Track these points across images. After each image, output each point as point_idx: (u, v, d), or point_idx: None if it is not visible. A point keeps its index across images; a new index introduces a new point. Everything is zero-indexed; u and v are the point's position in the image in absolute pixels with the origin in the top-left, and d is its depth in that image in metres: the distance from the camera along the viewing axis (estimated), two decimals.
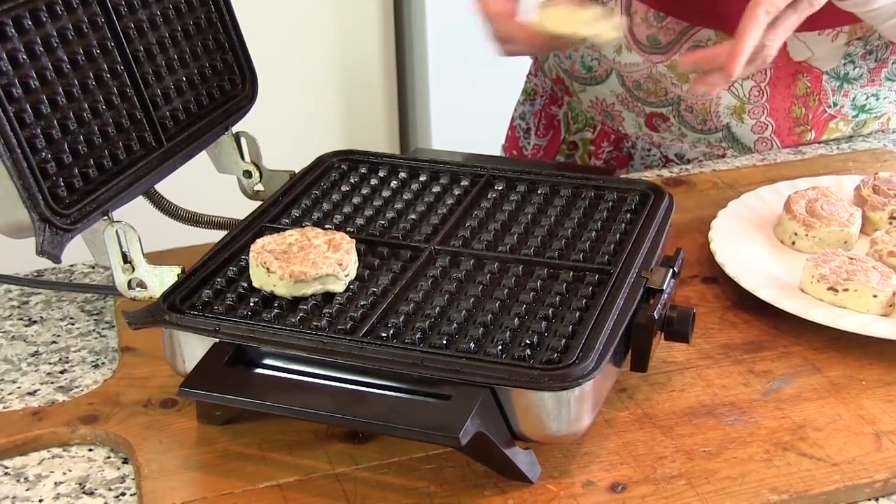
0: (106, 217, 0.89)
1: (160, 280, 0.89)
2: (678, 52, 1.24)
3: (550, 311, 0.83)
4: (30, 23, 0.86)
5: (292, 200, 1.00)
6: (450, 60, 2.55)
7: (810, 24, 1.19)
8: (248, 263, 0.87)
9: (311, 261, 0.85)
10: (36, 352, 0.96)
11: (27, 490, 0.81)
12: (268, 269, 0.84)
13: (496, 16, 1.12)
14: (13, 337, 0.98)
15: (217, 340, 0.80)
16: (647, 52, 1.26)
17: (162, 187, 1.00)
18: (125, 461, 0.84)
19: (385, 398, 0.76)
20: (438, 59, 2.55)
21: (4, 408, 0.89)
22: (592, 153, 1.37)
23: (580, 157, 1.39)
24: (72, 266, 1.08)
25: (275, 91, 1.81)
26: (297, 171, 1.05)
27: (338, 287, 0.86)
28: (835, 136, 1.32)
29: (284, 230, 0.91)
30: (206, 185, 1.22)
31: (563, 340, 0.79)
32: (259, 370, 0.80)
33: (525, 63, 1.47)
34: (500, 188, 1.02)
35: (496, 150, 1.54)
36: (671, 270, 0.87)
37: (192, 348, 0.82)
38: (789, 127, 1.29)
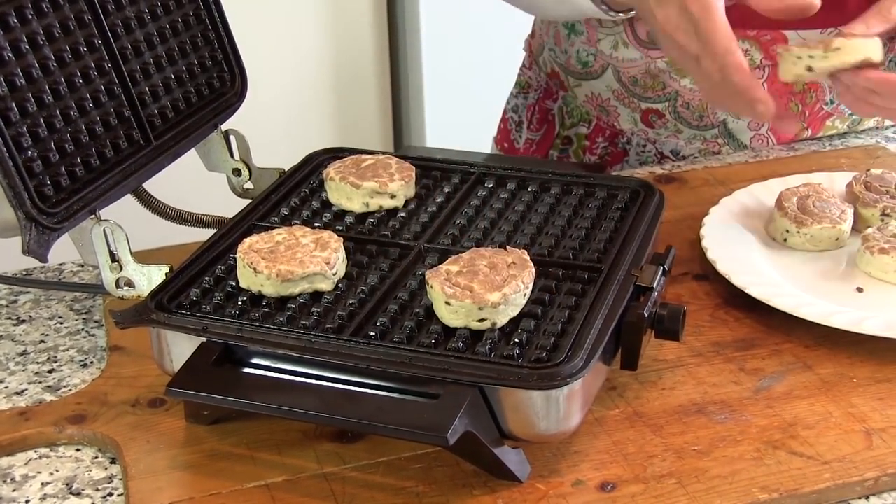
0: (93, 216, 0.89)
1: (148, 279, 0.89)
2: None
3: (539, 310, 0.82)
4: (15, 20, 0.86)
5: (281, 199, 0.99)
6: (444, 57, 2.55)
7: (814, 22, 1.19)
8: (236, 262, 0.87)
9: (299, 260, 0.85)
10: (24, 351, 0.96)
11: (13, 491, 0.81)
12: (255, 269, 0.84)
13: (741, 75, 0.90)
14: (1, 336, 0.98)
15: (205, 340, 0.80)
16: (647, 48, 1.26)
17: (150, 185, 1.00)
18: (113, 461, 0.83)
19: (373, 397, 0.76)
20: (432, 55, 2.55)
21: None
22: (587, 148, 1.37)
23: (574, 152, 1.38)
24: (61, 265, 1.08)
25: (265, 88, 1.81)
26: (287, 169, 1.04)
27: (326, 286, 0.85)
28: (830, 132, 1.32)
29: (273, 228, 0.91)
30: (195, 183, 1.21)
31: (552, 339, 0.79)
32: (247, 370, 0.79)
33: (518, 58, 1.47)
34: (489, 185, 1.01)
35: (490, 147, 1.53)
36: (662, 268, 0.87)
37: (180, 348, 0.81)
38: None
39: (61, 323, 1.00)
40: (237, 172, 1.05)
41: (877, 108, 0.96)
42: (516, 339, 0.79)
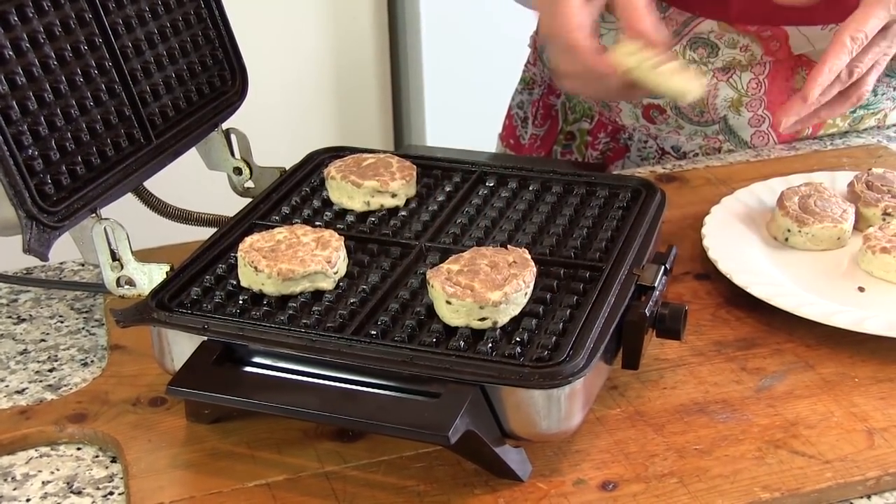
0: (94, 214, 0.89)
1: (149, 278, 0.89)
2: (679, 42, 1.24)
3: (541, 309, 0.82)
4: (16, 18, 0.85)
5: (282, 197, 0.99)
6: (445, 56, 2.55)
7: (814, 18, 1.19)
8: (237, 261, 0.87)
9: (300, 258, 0.84)
10: (24, 350, 0.96)
11: (14, 490, 0.80)
12: (256, 268, 0.84)
13: (580, 50, 0.93)
14: (1, 335, 0.98)
15: (205, 338, 0.80)
16: None
17: (151, 184, 1.00)
18: (113, 460, 0.83)
19: (374, 396, 0.76)
20: (433, 54, 2.55)
21: None
22: (589, 144, 1.37)
23: (577, 147, 1.38)
24: (61, 264, 1.08)
25: (266, 87, 1.80)
26: (288, 167, 1.04)
27: (327, 284, 0.85)
28: (831, 131, 1.31)
29: (274, 227, 0.91)
30: (196, 181, 1.21)
31: (554, 338, 0.79)
32: (247, 368, 0.79)
33: (522, 54, 1.47)
34: (490, 184, 1.01)
35: (491, 147, 1.53)
36: (663, 267, 0.87)
37: (181, 346, 0.81)
38: None
39: (62, 322, 1.00)
40: (238, 171, 1.05)
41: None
42: (517, 338, 0.79)
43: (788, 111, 1.01)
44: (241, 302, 0.84)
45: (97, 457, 0.84)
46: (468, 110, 2.36)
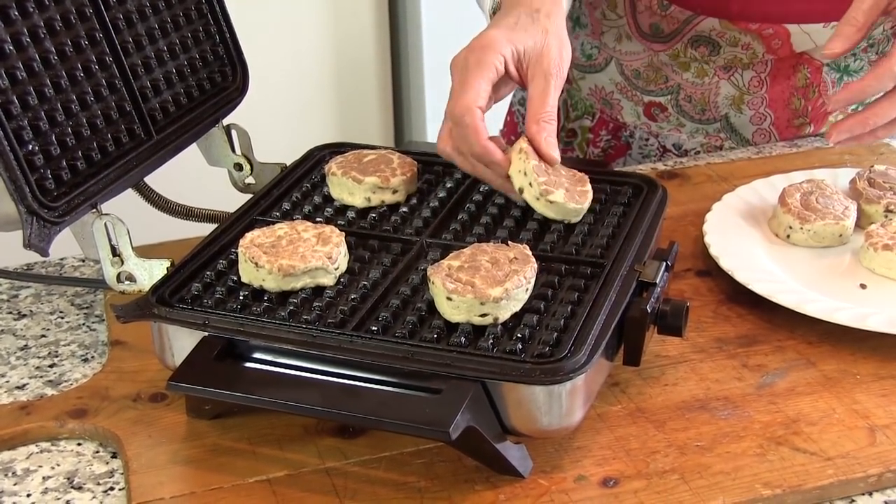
0: (94, 210, 0.89)
1: (149, 273, 0.89)
2: (680, 41, 1.24)
3: (542, 305, 0.82)
4: (17, 13, 0.86)
5: (283, 193, 0.99)
6: (445, 51, 2.54)
7: (816, 16, 1.19)
8: (237, 257, 0.87)
9: (301, 254, 0.84)
10: (25, 346, 0.96)
11: (15, 485, 0.80)
12: (256, 263, 0.84)
13: (470, 130, 0.90)
14: (2, 331, 0.98)
15: (206, 334, 0.80)
16: (649, 41, 1.26)
17: (151, 180, 0.99)
18: (114, 456, 0.83)
19: (375, 392, 0.76)
20: (433, 50, 2.55)
21: None
22: (591, 141, 1.37)
23: (578, 144, 1.38)
24: (62, 259, 1.08)
25: (267, 83, 1.80)
26: (288, 163, 1.04)
27: (328, 280, 0.85)
28: None
29: (275, 223, 0.91)
30: (196, 177, 1.21)
31: (555, 334, 0.79)
32: (248, 364, 0.79)
33: None
34: None
35: None
36: (664, 264, 0.87)
37: (182, 342, 0.81)
38: (788, 119, 1.28)
39: (62, 317, 0.99)
40: (238, 167, 1.05)
41: None
42: (518, 335, 0.78)
43: (841, 128, 1.00)
44: (241, 298, 0.84)
45: (98, 452, 0.84)
46: None
